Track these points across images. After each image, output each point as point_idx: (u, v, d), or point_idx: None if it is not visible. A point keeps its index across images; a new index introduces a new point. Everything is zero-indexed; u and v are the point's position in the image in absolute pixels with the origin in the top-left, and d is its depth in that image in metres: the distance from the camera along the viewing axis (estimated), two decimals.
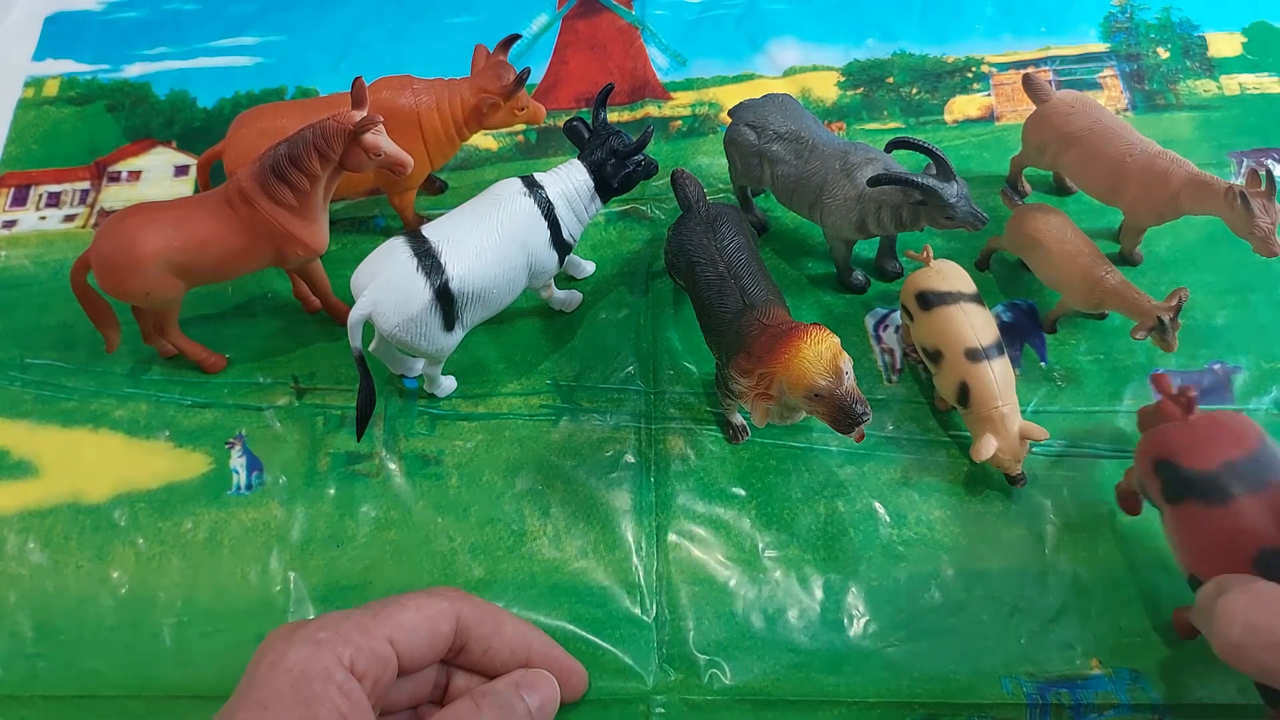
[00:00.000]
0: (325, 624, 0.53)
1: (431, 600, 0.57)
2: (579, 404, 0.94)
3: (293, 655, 0.50)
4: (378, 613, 0.55)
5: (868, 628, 0.81)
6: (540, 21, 1.24)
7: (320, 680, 0.49)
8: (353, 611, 0.55)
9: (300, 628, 0.53)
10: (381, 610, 0.55)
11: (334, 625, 0.52)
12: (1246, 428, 0.72)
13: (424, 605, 0.56)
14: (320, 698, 0.49)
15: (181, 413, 0.96)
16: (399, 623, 0.54)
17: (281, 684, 0.49)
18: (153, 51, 1.25)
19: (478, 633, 0.59)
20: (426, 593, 0.59)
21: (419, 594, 0.58)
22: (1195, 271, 0.96)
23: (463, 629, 0.58)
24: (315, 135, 0.82)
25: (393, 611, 0.55)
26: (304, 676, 0.49)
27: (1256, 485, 0.68)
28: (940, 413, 0.90)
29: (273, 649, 0.51)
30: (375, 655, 0.52)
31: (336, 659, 0.50)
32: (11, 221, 1.12)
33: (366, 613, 0.55)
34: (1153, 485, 0.74)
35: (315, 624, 0.53)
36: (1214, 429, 0.72)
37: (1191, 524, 0.70)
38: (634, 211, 1.06)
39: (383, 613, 0.55)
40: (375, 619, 0.54)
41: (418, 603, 0.57)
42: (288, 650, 0.50)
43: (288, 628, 0.54)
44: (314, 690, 0.49)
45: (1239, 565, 0.66)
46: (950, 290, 0.84)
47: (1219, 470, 0.69)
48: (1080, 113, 0.91)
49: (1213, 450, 0.70)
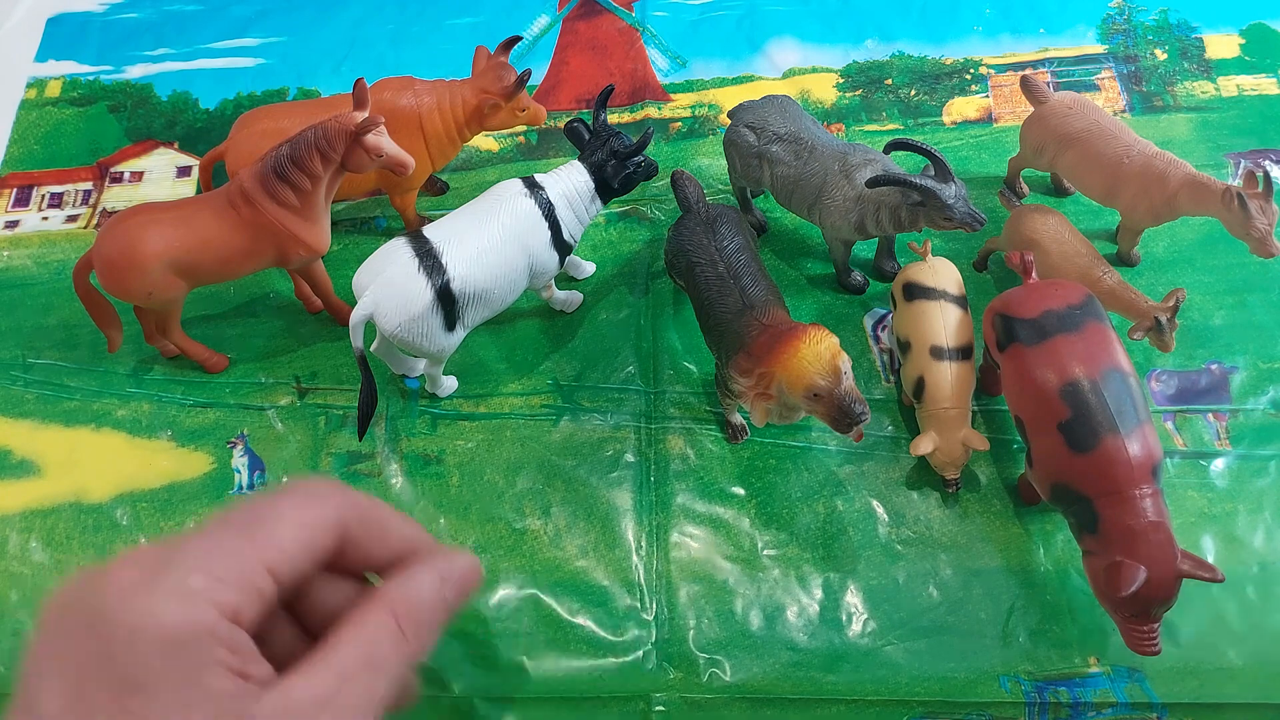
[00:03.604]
0: (188, 562, 0.40)
1: (311, 508, 0.46)
2: (579, 404, 0.94)
3: (161, 616, 0.38)
4: (252, 534, 0.43)
5: (866, 626, 0.81)
6: (541, 23, 1.24)
7: (204, 644, 0.39)
8: (214, 531, 0.43)
9: (155, 574, 0.40)
10: (255, 529, 0.43)
11: (202, 563, 0.41)
12: (1074, 289, 0.79)
13: (304, 518, 0.45)
14: (207, 664, 0.39)
15: (183, 412, 0.97)
16: (279, 546, 0.43)
17: (153, 657, 0.38)
18: (155, 53, 1.26)
19: (361, 543, 0.48)
20: (304, 494, 0.46)
21: (293, 496, 0.46)
22: (1192, 272, 0.97)
23: (344, 539, 0.47)
24: (317, 136, 0.82)
25: (270, 531, 0.44)
26: (181, 645, 0.38)
27: (1071, 327, 0.76)
28: (907, 407, 0.91)
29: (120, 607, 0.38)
30: (257, 594, 0.42)
31: (217, 612, 0.40)
32: (14, 222, 1.13)
33: (236, 535, 0.43)
34: (991, 339, 0.82)
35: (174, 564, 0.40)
36: (1045, 287, 0.80)
37: (1015, 366, 0.78)
38: (634, 212, 1.06)
39: (259, 534, 0.43)
40: (252, 544, 0.43)
41: (297, 515, 0.45)
42: (151, 609, 0.38)
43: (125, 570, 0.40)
44: (198, 658, 0.38)
45: (1049, 397, 0.74)
46: (935, 287, 0.85)
47: (1040, 316, 0.77)
48: (1078, 114, 0.91)
49: (1038, 301, 0.78)
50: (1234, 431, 0.88)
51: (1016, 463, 0.87)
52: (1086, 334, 0.76)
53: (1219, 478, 0.86)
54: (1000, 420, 0.90)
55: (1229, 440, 0.88)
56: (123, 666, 0.38)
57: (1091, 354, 0.74)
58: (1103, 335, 0.76)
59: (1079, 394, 0.73)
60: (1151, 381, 0.91)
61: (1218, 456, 0.87)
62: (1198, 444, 0.88)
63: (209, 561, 0.41)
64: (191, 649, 0.38)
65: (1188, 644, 0.78)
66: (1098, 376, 0.73)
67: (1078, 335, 0.76)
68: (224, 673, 0.39)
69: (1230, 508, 0.84)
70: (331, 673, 0.42)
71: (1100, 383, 0.73)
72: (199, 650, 0.38)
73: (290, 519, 0.45)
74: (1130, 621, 0.70)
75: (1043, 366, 0.75)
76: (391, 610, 0.45)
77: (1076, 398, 0.73)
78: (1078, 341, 0.75)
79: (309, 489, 0.47)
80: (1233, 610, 0.79)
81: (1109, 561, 0.69)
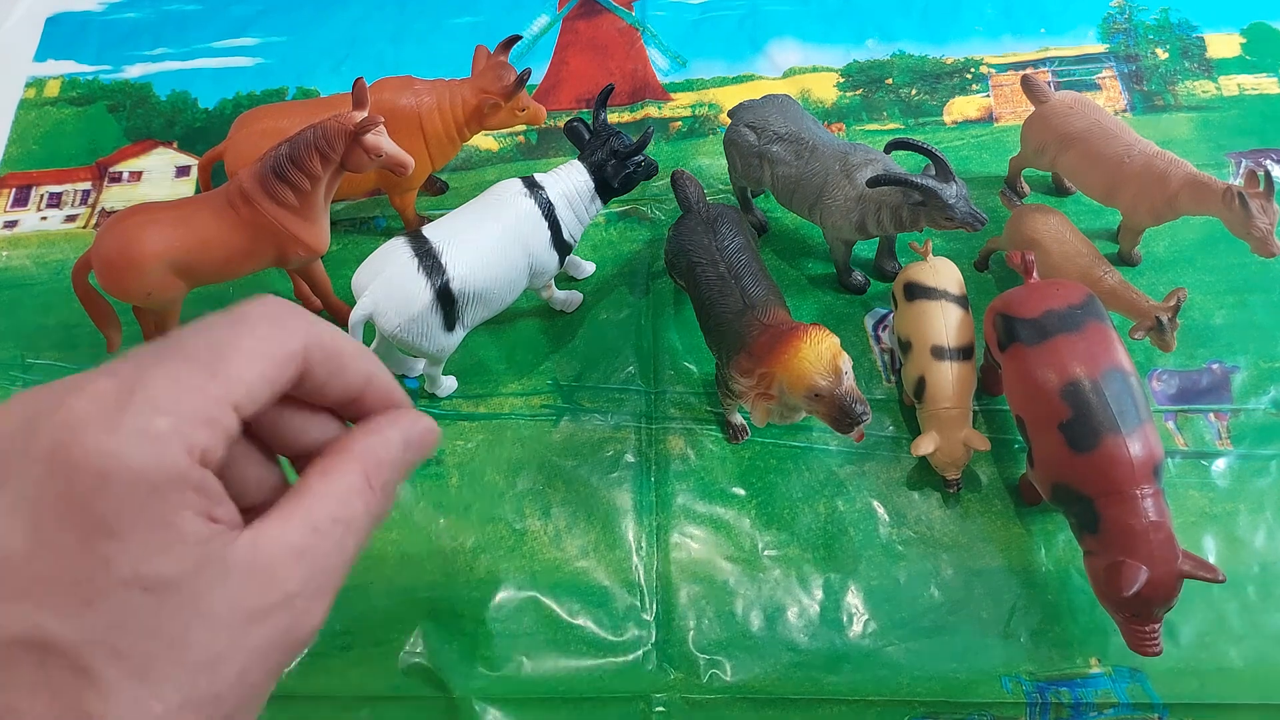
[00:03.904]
0: (152, 400, 0.38)
1: (275, 338, 0.43)
2: (580, 404, 0.94)
3: (129, 460, 0.36)
4: (214, 369, 0.40)
5: (868, 626, 0.81)
6: (541, 22, 1.24)
7: (175, 487, 0.37)
8: (175, 364, 0.40)
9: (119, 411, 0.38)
10: (218, 364, 0.41)
11: (167, 401, 0.38)
12: (1076, 289, 0.79)
13: (268, 349, 0.42)
14: (178, 507, 0.37)
15: None
16: (244, 380, 0.41)
17: (123, 501, 0.36)
18: (154, 52, 1.26)
19: (318, 375, 0.45)
20: (267, 322, 0.43)
21: (256, 324, 0.43)
22: (1193, 272, 0.96)
23: (304, 370, 0.45)
24: (316, 136, 0.82)
25: (235, 365, 0.41)
26: (152, 489, 0.36)
27: (1072, 327, 0.76)
28: (908, 407, 0.90)
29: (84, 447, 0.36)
30: (222, 432, 0.40)
31: (187, 454, 0.38)
32: (13, 222, 1.13)
33: (199, 370, 0.40)
34: (992, 339, 0.82)
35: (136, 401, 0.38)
36: (1046, 287, 0.80)
37: (1016, 366, 0.78)
38: (634, 212, 1.06)
39: (221, 368, 0.41)
40: (215, 379, 0.40)
41: (261, 346, 0.42)
42: (119, 451, 0.36)
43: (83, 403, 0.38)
44: (169, 502, 0.37)
45: (1050, 397, 0.74)
46: (936, 287, 0.85)
47: (1041, 316, 0.77)
48: (1079, 113, 0.91)
49: (1039, 301, 0.78)
50: (1235, 431, 0.88)
51: (1018, 463, 0.87)
52: (1088, 334, 0.76)
53: (1220, 477, 0.86)
54: (1001, 420, 0.90)
55: (1230, 440, 0.88)
56: (90, 510, 0.36)
57: (1093, 354, 0.74)
58: (1104, 335, 0.76)
59: (1080, 394, 0.73)
60: (1153, 381, 0.91)
61: (1219, 456, 0.87)
62: (1199, 444, 0.88)
63: (173, 399, 0.38)
64: (162, 493, 0.37)
65: (1189, 644, 0.78)
66: (1099, 376, 0.73)
67: (1079, 335, 0.75)
68: (194, 517, 0.37)
69: (1231, 508, 0.84)
70: (306, 524, 0.41)
71: (1101, 382, 0.73)
72: (170, 494, 0.37)
73: (254, 350, 0.42)
74: (1131, 622, 0.70)
75: (1044, 366, 0.75)
76: (361, 464, 0.44)
77: (1077, 397, 0.73)
78: (1079, 341, 0.75)
79: (272, 315, 0.44)
80: (1234, 610, 0.79)
81: (1110, 561, 0.69)
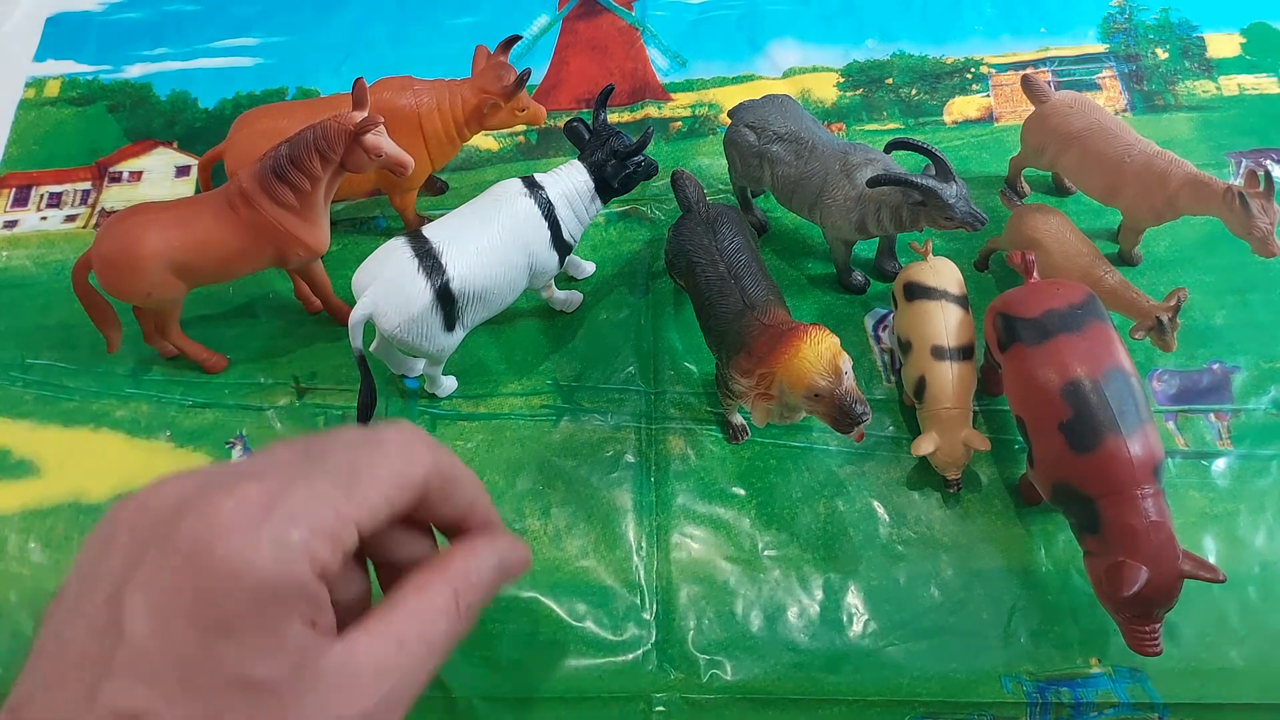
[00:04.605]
0: (291, 510, 0.39)
1: (405, 467, 0.45)
2: (580, 404, 0.94)
3: (261, 566, 0.37)
4: (349, 489, 0.42)
5: (868, 627, 0.81)
6: (541, 22, 1.24)
7: (293, 597, 0.38)
8: (315, 478, 0.41)
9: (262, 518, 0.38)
10: (353, 484, 0.42)
11: (305, 516, 0.39)
12: (1076, 289, 0.79)
13: (397, 477, 0.44)
14: (291, 615, 0.38)
15: (182, 413, 0.97)
16: (370, 503, 0.42)
17: (245, 605, 0.37)
18: (154, 52, 1.26)
19: (433, 500, 0.47)
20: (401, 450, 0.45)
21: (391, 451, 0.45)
22: (1194, 272, 0.96)
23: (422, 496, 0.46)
24: (316, 136, 0.82)
25: (366, 487, 0.42)
26: (274, 595, 0.37)
27: (1073, 327, 0.76)
28: (908, 407, 0.90)
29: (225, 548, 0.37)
30: (343, 550, 0.40)
31: (310, 568, 0.39)
32: (13, 222, 1.13)
33: (335, 487, 0.41)
34: (992, 339, 0.82)
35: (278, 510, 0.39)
36: (1047, 287, 0.80)
37: (1016, 365, 0.78)
38: (634, 212, 1.06)
39: (355, 490, 0.42)
40: (348, 500, 0.41)
41: (391, 475, 0.44)
42: (254, 560, 0.37)
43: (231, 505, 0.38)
44: (285, 609, 0.38)
45: (1051, 397, 0.74)
46: (936, 287, 0.85)
47: (1041, 316, 0.77)
48: (1079, 113, 0.91)
49: (1040, 301, 0.78)
50: (1235, 431, 0.88)
51: (1018, 463, 0.87)
52: (1088, 333, 0.76)
53: (1220, 478, 0.86)
54: (1001, 420, 0.89)
55: (1230, 440, 0.87)
56: (216, 608, 0.37)
57: (1093, 353, 0.74)
58: (1104, 335, 0.76)
59: (1080, 394, 0.73)
60: (1153, 381, 0.91)
61: (1219, 456, 0.87)
62: (1199, 444, 0.88)
63: (310, 514, 0.40)
64: (281, 599, 0.38)
65: (1189, 644, 0.78)
66: (1099, 376, 0.73)
67: (1079, 335, 0.75)
68: (300, 624, 0.39)
69: (1232, 508, 0.84)
70: (393, 640, 0.42)
71: (1102, 382, 0.73)
72: (287, 602, 0.38)
73: (385, 477, 0.44)
74: (1132, 622, 0.70)
75: (1044, 366, 0.75)
76: (453, 586, 0.46)
77: (1078, 397, 0.73)
78: (1079, 341, 0.75)
79: (405, 442, 0.46)
80: (1234, 610, 0.79)
81: (1111, 562, 0.69)
